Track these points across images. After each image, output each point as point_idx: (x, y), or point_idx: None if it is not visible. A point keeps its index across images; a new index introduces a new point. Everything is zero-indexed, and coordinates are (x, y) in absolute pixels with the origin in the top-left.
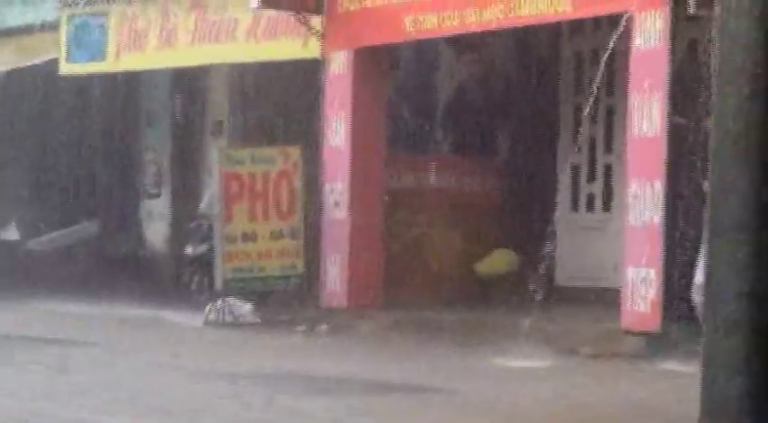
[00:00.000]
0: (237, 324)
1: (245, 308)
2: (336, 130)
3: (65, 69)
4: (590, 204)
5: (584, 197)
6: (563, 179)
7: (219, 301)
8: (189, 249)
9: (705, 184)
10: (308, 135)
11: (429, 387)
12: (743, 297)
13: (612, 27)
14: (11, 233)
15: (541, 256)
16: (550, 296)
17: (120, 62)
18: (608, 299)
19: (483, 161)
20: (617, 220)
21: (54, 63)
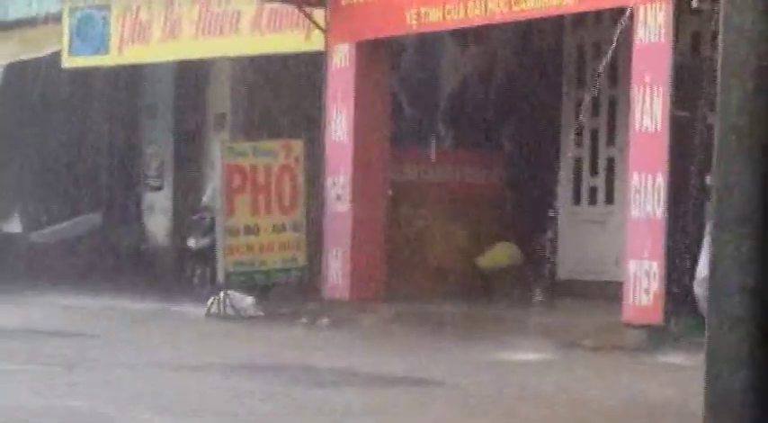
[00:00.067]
0: (239, 317)
1: (246, 301)
2: (339, 124)
3: (67, 62)
4: (592, 197)
5: (586, 190)
6: (565, 172)
7: (221, 294)
8: (191, 242)
9: (708, 178)
10: (310, 128)
11: (431, 380)
12: (747, 291)
13: (615, 20)
14: (13, 225)
15: (543, 249)
16: (552, 289)
17: (124, 55)
18: (610, 292)
19: (485, 154)
20: (619, 213)
21: (57, 56)
